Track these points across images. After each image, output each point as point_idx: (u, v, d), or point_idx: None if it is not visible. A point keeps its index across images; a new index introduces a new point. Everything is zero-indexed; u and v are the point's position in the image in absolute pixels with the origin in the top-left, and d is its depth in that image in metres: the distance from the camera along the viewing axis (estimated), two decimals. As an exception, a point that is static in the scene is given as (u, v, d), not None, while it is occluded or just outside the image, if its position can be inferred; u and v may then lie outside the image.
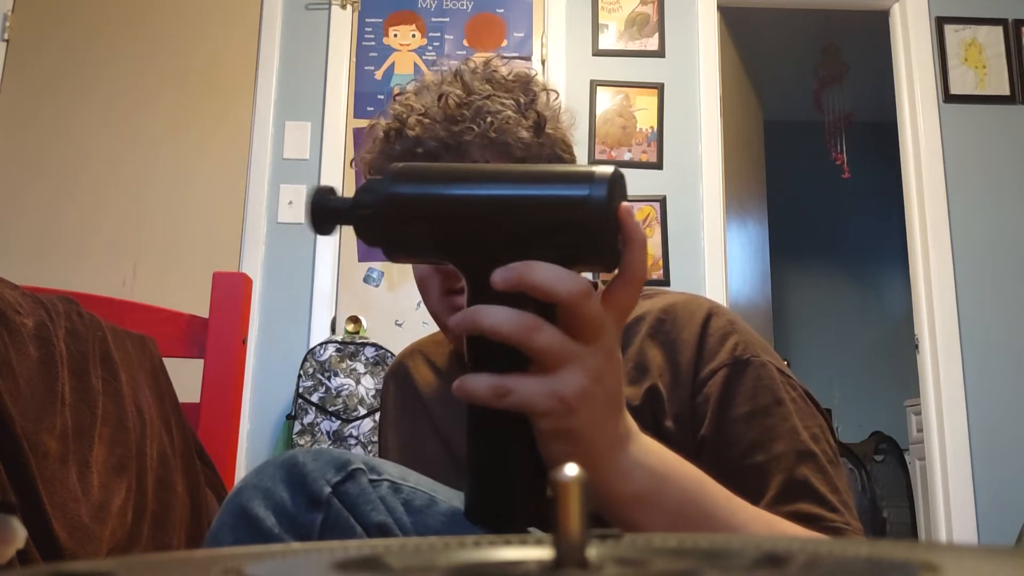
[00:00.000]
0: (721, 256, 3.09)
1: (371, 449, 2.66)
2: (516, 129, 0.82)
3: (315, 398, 2.74)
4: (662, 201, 3.10)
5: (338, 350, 2.80)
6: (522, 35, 3.23)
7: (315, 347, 2.82)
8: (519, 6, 3.25)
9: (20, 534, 0.56)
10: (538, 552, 0.29)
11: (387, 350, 2.81)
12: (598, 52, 3.23)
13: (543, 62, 3.19)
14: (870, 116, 4.89)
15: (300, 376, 2.77)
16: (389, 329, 2.94)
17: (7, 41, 3.16)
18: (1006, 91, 3.25)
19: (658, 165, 3.14)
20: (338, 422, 2.71)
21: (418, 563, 0.29)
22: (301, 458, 0.60)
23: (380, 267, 3.02)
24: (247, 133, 3.09)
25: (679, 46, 3.25)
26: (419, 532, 0.59)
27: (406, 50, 3.21)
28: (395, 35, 3.22)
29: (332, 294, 2.99)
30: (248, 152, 3.08)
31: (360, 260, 3.03)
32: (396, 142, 0.84)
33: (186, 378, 1.44)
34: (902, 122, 3.31)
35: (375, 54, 3.21)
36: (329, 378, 2.76)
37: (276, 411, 2.85)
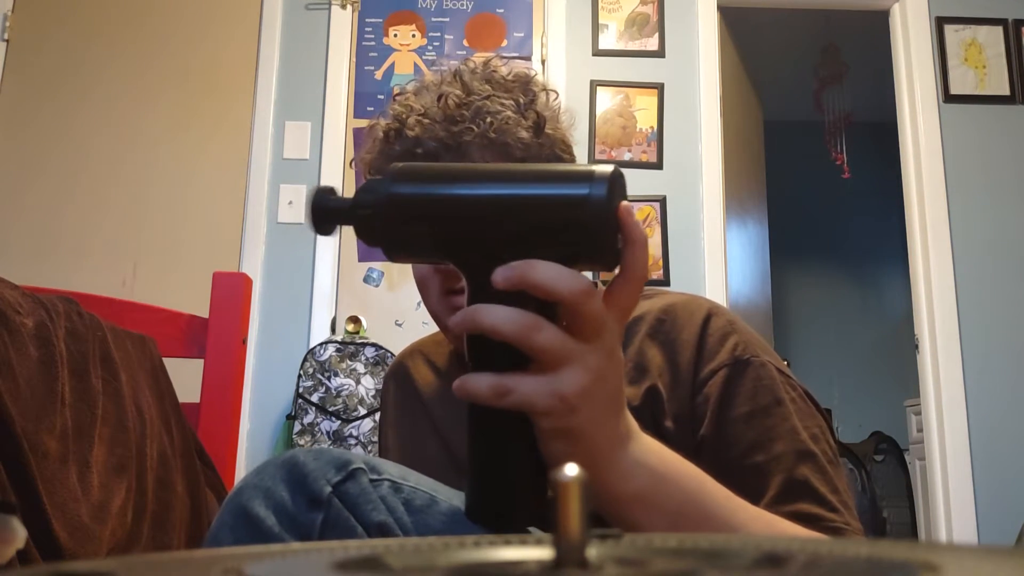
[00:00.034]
0: (721, 256, 3.09)
1: (371, 449, 2.65)
2: (516, 129, 0.82)
3: (315, 398, 2.74)
4: (662, 201, 3.10)
5: (338, 350, 2.80)
6: (522, 35, 3.23)
7: (315, 347, 2.82)
8: (519, 6, 3.25)
9: (20, 534, 0.56)
10: (538, 552, 0.29)
11: (387, 350, 2.81)
12: (598, 52, 3.23)
13: (543, 62, 3.19)
14: (870, 116, 4.89)
15: (300, 376, 2.77)
16: (389, 329, 2.94)
17: (7, 41, 3.16)
18: (1006, 91, 3.25)
19: (658, 165, 3.14)
20: (338, 422, 2.70)
21: (418, 563, 0.29)
22: (302, 458, 0.60)
23: (380, 267, 3.02)
24: (247, 133, 3.09)
25: (679, 46, 3.25)
26: (420, 532, 0.59)
27: (406, 50, 3.21)
28: (395, 35, 3.22)
29: (332, 294, 2.99)
30: (248, 152, 3.08)
31: (360, 260, 3.03)
32: (396, 142, 0.84)
33: (186, 378, 1.44)
34: (902, 122, 3.31)
35: (375, 54, 3.21)
36: (329, 378, 2.76)
37: (276, 411, 2.85)
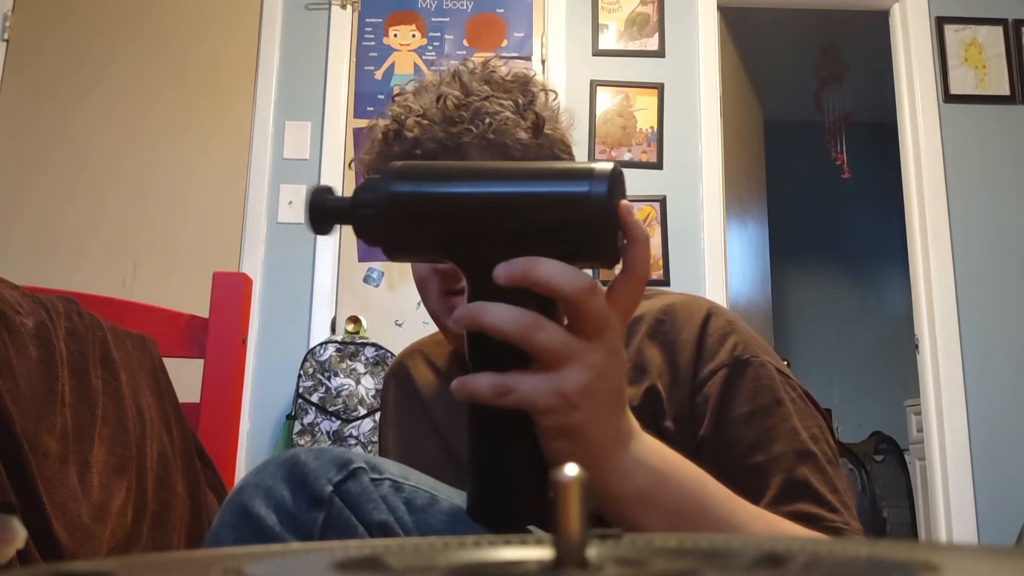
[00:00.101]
0: (721, 256, 3.09)
1: (371, 449, 2.65)
2: (514, 130, 0.82)
3: (315, 398, 2.74)
4: (662, 201, 3.10)
5: (338, 350, 2.80)
6: (522, 35, 3.23)
7: (315, 347, 2.82)
8: (519, 6, 3.25)
9: (20, 534, 0.56)
10: (538, 552, 0.29)
11: (387, 350, 2.81)
12: (598, 52, 3.23)
13: (543, 62, 3.19)
14: (870, 116, 4.88)
15: (300, 376, 2.77)
16: (389, 329, 2.94)
17: (7, 41, 3.16)
18: (1006, 91, 3.25)
19: (658, 165, 3.14)
20: (338, 422, 2.70)
21: (418, 563, 0.29)
22: (302, 457, 0.60)
23: (380, 267, 3.02)
24: (247, 133, 3.09)
25: (679, 46, 3.25)
26: (421, 531, 0.59)
27: (406, 50, 3.21)
28: (395, 35, 3.22)
29: (332, 294, 2.99)
30: (248, 152, 3.08)
31: (360, 260, 3.03)
32: (395, 143, 0.83)
33: (186, 378, 1.44)
34: (902, 122, 3.31)
35: (375, 54, 3.21)
36: (329, 378, 2.76)
37: (276, 411, 2.85)
